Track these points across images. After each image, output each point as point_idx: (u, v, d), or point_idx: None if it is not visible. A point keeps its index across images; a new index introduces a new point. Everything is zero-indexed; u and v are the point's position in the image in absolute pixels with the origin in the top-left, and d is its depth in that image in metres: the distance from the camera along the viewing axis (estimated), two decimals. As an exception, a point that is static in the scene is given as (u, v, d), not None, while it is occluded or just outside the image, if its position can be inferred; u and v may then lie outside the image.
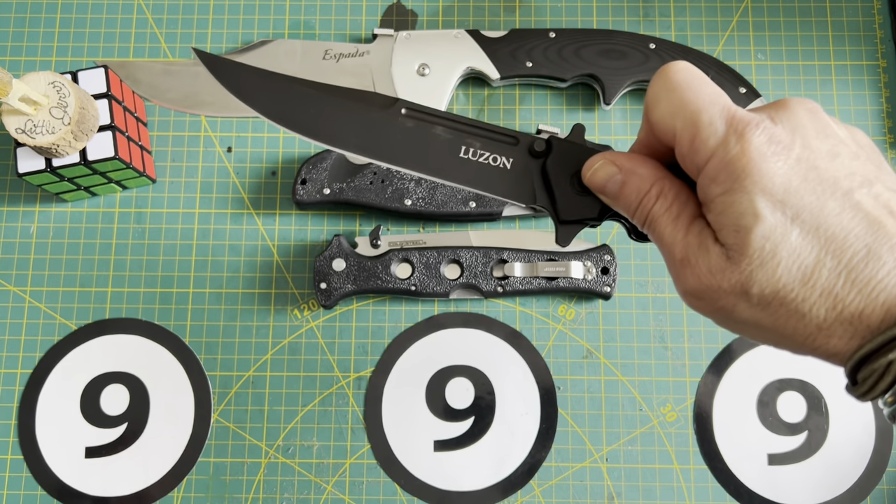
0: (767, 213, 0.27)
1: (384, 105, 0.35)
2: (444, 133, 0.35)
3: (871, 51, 0.60)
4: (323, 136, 0.35)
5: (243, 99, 0.35)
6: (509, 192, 0.34)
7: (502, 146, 0.35)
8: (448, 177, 0.35)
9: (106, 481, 0.54)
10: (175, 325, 0.56)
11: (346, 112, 0.35)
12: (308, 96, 0.35)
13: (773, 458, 0.54)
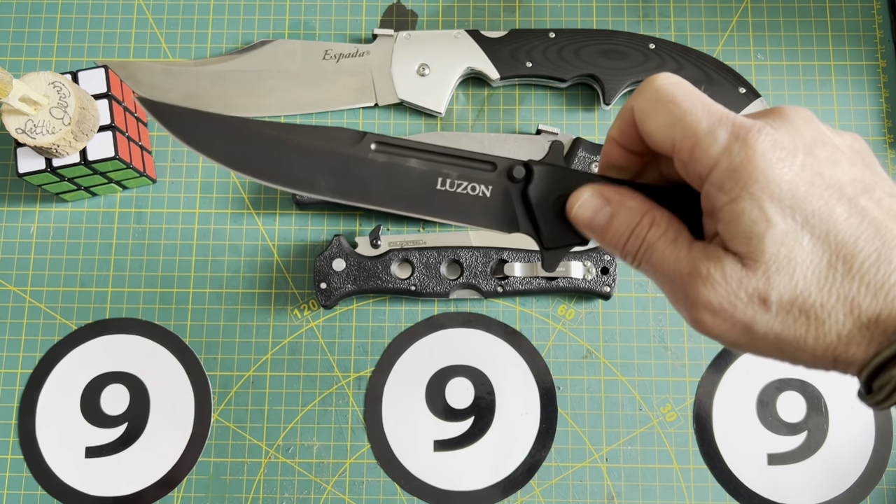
0: (778, 218, 0.26)
1: (352, 141, 0.33)
2: (419, 165, 0.33)
3: (870, 51, 0.60)
4: (290, 182, 0.33)
5: (198, 148, 0.32)
6: (491, 221, 0.33)
7: (480, 173, 0.33)
8: (426, 211, 0.33)
9: (106, 481, 0.54)
10: (175, 325, 0.56)
11: (312, 153, 0.33)
12: (269, 139, 0.33)
13: (772, 457, 0.54)
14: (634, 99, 0.30)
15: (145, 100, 0.33)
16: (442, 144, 0.55)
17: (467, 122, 0.59)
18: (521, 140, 0.57)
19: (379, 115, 0.59)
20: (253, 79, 0.59)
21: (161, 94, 0.59)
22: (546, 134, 0.57)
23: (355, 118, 0.59)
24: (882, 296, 0.26)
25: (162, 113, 0.33)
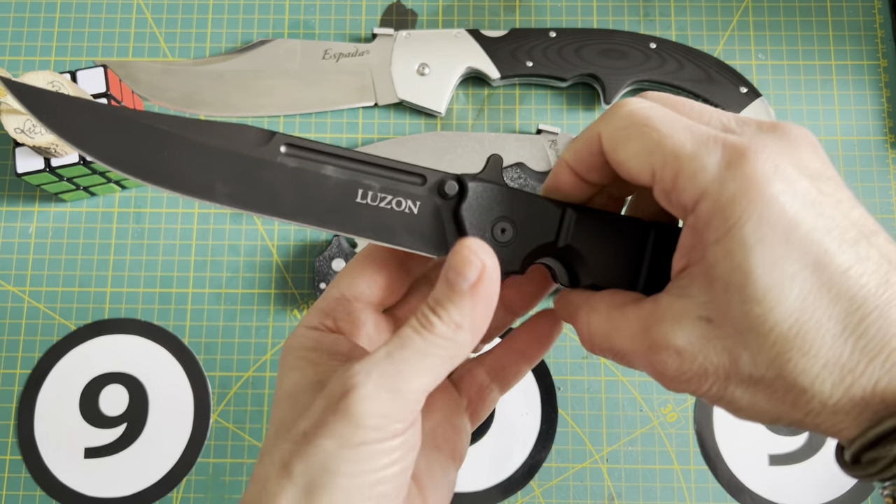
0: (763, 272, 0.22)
1: (258, 142, 0.28)
2: (336, 174, 0.28)
3: (871, 50, 0.60)
4: (181, 186, 0.27)
5: (74, 142, 0.27)
6: (417, 242, 0.28)
7: (407, 187, 0.28)
8: (342, 228, 0.28)
9: (105, 482, 0.54)
10: (174, 326, 0.56)
11: (210, 153, 0.28)
12: (160, 135, 0.27)
13: (773, 458, 0.54)
14: (601, 125, 0.26)
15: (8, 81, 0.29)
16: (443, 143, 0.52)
17: (467, 122, 0.59)
18: (522, 140, 0.57)
19: (379, 114, 0.59)
20: (252, 78, 0.59)
21: (160, 93, 0.59)
22: (546, 133, 0.57)
23: (355, 118, 0.59)
24: (881, 361, 0.22)
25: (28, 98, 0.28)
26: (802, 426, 0.24)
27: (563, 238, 0.28)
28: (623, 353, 0.26)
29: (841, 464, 0.24)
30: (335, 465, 0.24)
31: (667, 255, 0.27)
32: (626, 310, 0.26)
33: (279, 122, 0.59)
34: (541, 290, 0.31)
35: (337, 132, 0.59)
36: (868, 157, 0.58)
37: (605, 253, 0.28)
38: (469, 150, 0.57)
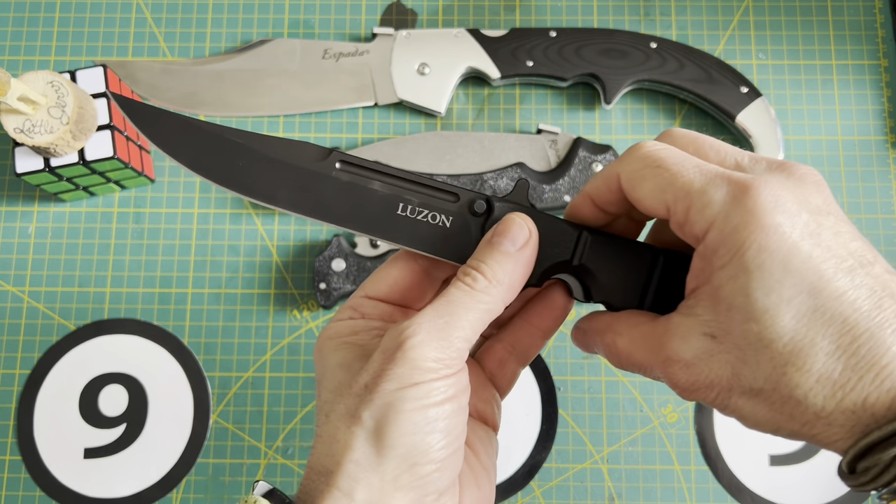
0: (761, 294, 0.25)
1: (318, 157, 0.33)
2: (382, 188, 0.33)
3: (872, 50, 0.60)
4: (251, 191, 0.32)
5: (167, 150, 0.32)
6: (448, 252, 0.32)
7: (442, 203, 0.32)
8: (384, 235, 0.32)
9: (105, 482, 0.53)
10: (174, 326, 0.56)
11: (277, 165, 0.32)
12: (237, 148, 0.32)
13: (774, 458, 0.54)
14: (619, 166, 0.29)
15: (119, 97, 0.33)
16: (442, 143, 0.55)
17: (467, 122, 0.59)
18: (522, 140, 0.57)
19: (379, 114, 0.59)
20: (252, 78, 0.59)
21: (160, 93, 0.59)
22: (546, 133, 0.57)
23: (355, 117, 0.59)
24: (871, 378, 0.24)
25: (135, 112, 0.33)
26: (800, 437, 0.26)
27: (577, 257, 0.32)
28: (644, 367, 0.29)
29: (840, 476, 0.26)
30: (399, 403, 0.28)
31: (674, 278, 0.30)
32: (644, 328, 0.29)
33: (279, 121, 0.59)
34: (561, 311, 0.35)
35: (337, 132, 0.59)
36: (868, 156, 0.58)
37: (616, 273, 0.32)
38: (469, 150, 0.57)
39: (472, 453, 0.33)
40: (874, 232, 0.57)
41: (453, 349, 0.29)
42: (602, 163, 0.56)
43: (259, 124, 0.59)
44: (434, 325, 0.29)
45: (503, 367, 0.35)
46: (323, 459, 0.29)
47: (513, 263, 0.30)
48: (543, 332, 0.35)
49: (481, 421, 0.34)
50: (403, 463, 0.28)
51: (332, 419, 0.29)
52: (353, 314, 0.33)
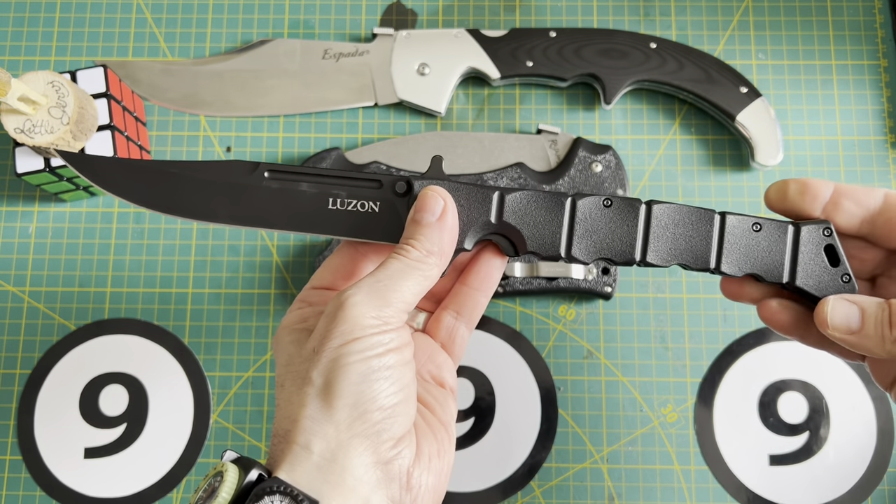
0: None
1: (247, 172, 0.35)
2: (310, 188, 0.35)
3: (871, 50, 0.60)
4: (194, 213, 0.35)
5: (119, 194, 0.35)
6: (380, 233, 0.35)
7: (368, 191, 0.35)
8: (320, 230, 0.35)
9: (105, 482, 0.54)
10: (174, 326, 0.56)
11: (212, 186, 0.35)
12: (172, 178, 0.35)
13: (774, 458, 0.54)
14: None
15: (65, 153, 0.36)
16: (442, 143, 0.56)
17: (467, 122, 0.59)
18: (522, 139, 0.57)
19: (379, 114, 0.59)
20: (252, 78, 0.59)
21: (160, 93, 0.59)
22: (546, 133, 0.57)
23: (355, 117, 0.59)
24: None
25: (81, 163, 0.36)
26: None
27: (497, 216, 0.35)
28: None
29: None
30: (343, 357, 0.30)
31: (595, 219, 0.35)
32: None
33: (279, 121, 0.59)
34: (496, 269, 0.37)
35: (337, 132, 0.59)
36: (868, 156, 0.58)
37: (536, 224, 0.35)
38: (469, 150, 0.57)
39: (429, 409, 0.35)
40: (874, 232, 0.57)
41: (392, 308, 0.31)
42: (602, 163, 0.56)
43: (259, 124, 0.59)
44: (372, 288, 0.31)
45: (452, 333, 0.38)
46: (282, 423, 0.31)
47: (437, 232, 0.33)
48: (483, 293, 0.37)
49: (438, 384, 0.37)
50: (354, 411, 0.30)
51: (286, 386, 0.32)
52: (302, 305, 0.36)
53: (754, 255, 0.35)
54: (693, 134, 0.59)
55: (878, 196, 0.34)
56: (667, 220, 0.35)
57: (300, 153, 0.59)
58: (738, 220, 0.35)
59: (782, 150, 0.56)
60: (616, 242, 0.35)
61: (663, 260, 0.35)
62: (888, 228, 0.33)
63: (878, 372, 0.35)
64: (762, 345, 0.55)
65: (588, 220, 0.35)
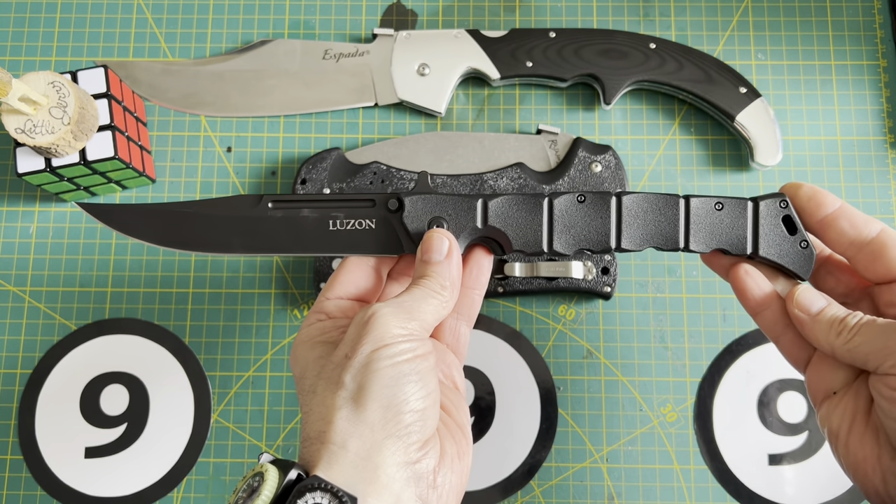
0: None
1: (252, 204, 0.39)
2: (311, 213, 0.39)
3: (871, 50, 0.60)
4: (210, 247, 0.39)
5: (136, 236, 0.39)
6: (379, 248, 0.39)
7: (363, 210, 0.39)
8: (325, 250, 0.39)
9: (106, 481, 0.54)
10: (175, 325, 0.56)
11: (222, 222, 0.39)
12: (186, 218, 0.39)
13: (773, 458, 0.54)
14: None
15: (85, 204, 0.39)
16: (442, 143, 0.57)
17: (467, 122, 0.59)
18: (522, 140, 0.57)
19: (379, 114, 0.59)
20: (253, 78, 0.59)
21: (161, 93, 0.59)
22: (546, 133, 0.57)
23: (355, 118, 0.59)
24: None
25: (101, 213, 0.39)
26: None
27: (483, 220, 0.38)
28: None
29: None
30: (374, 362, 0.32)
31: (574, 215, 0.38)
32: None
33: (279, 122, 0.59)
34: (487, 269, 0.40)
35: (337, 132, 0.59)
36: (868, 157, 0.58)
37: (519, 224, 0.38)
38: (469, 150, 0.57)
39: (447, 413, 0.37)
40: (873, 232, 0.57)
41: (414, 324, 0.34)
42: (601, 163, 0.56)
43: (259, 124, 0.59)
44: (398, 307, 0.34)
45: (456, 332, 0.40)
46: (316, 425, 0.32)
47: (447, 268, 0.36)
48: (478, 291, 0.40)
49: (451, 384, 0.39)
50: (387, 412, 0.32)
51: (319, 391, 0.33)
52: (320, 316, 0.38)
53: (719, 231, 0.38)
54: (693, 134, 0.59)
55: (874, 228, 0.36)
56: (636, 208, 0.38)
57: (300, 153, 0.59)
58: (701, 201, 0.38)
59: (782, 150, 0.56)
60: (592, 234, 0.38)
61: (636, 244, 0.38)
62: (871, 259, 0.36)
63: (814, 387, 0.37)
64: (762, 344, 0.55)
65: (565, 216, 0.38)
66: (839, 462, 0.35)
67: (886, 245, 0.35)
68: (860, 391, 0.35)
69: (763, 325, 0.39)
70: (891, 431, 0.32)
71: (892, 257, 0.35)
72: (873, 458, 0.33)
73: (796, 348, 0.38)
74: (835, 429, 0.35)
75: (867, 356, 0.33)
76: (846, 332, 0.34)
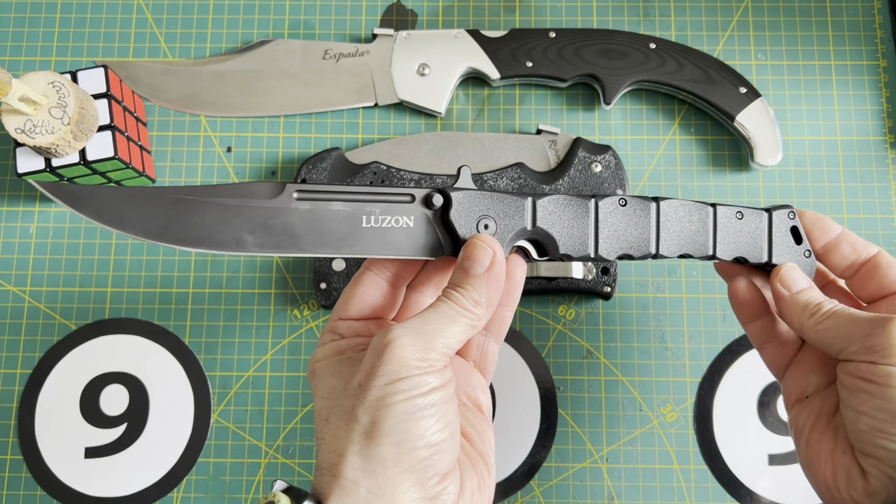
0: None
1: (272, 193, 0.33)
2: (343, 207, 0.33)
3: (871, 50, 0.60)
4: (215, 243, 0.32)
5: (116, 226, 0.31)
6: (417, 249, 0.34)
7: (401, 206, 0.34)
8: (356, 250, 0.34)
9: (105, 482, 0.54)
10: (175, 325, 0.56)
11: (234, 210, 0.32)
12: (186, 205, 0.32)
13: (773, 458, 0.54)
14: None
15: (45, 184, 0.32)
16: (442, 143, 0.56)
17: (467, 122, 0.59)
18: (522, 140, 0.57)
19: (379, 114, 0.59)
20: (252, 78, 0.59)
21: (160, 93, 0.59)
22: (546, 133, 0.57)
23: (355, 118, 0.59)
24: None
25: (66, 195, 0.31)
26: None
27: (532, 222, 0.35)
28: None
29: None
30: (388, 397, 0.30)
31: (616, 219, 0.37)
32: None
33: (280, 122, 0.59)
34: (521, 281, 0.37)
35: (337, 132, 0.59)
36: (868, 157, 0.58)
37: (566, 227, 0.36)
38: (469, 150, 0.57)
39: (469, 442, 0.35)
40: (873, 232, 0.57)
41: (436, 352, 0.31)
42: (601, 163, 0.56)
43: (259, 124, 0.59)
44: (419, 330, 0.31)
45: (484, 351, 0.37)
46: (328, 457, 0.31)
47: (485, 283, 0.33)
48: (510, 308, 0.37)
49: (475, 407, 0.37)
50: (401, 448, 0.30)
51: (332, 421, 0.31)
52: (334, 336, 0.35)
53: (740, 240, 0.38)
54: (692, 134, 0.59)
55: (872, 250, 0.38)
56: (673, 214, 0.38)
57: (300, 153, 0.59)
58: (725, 210, 0.38)
59: (781, 150, 0.56)
60: (634, 239, 0.37)
61: (672, 251, 0.38)
62: (866, 278, 0.38)
63: (790, 390, 0.39)
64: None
65: (609, 220, 0.36)
66: (798, 456, 0.38)
67: (880, 265, 0.38)
68: (829, 396, 0.37)
69: (751, 334, 0.40)
70: (848, 422, 0.34)
71: (884, 275, 0.37)
72: (828, 452, 0.35)
73: (777, 356, 0.40)
74: (800, 426, 0.37)
75: (833, 339, 0.35)
76: (818, 315, 0.36)
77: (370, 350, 0.31)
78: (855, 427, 0.34)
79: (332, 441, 0.31)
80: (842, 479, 0.34)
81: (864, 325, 0.34)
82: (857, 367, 0.34)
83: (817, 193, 0.57)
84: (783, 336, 0.40)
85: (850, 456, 0.34)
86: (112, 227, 0.31)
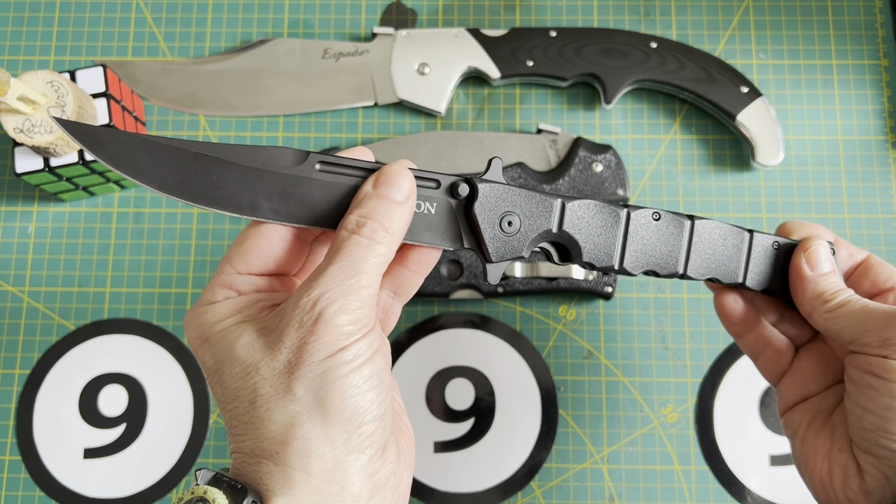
0: None
1: (296, 161, 0.32)
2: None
3: (872, 50, 0.60)
4: (230, 205, 0.31)
5: (133, 174, 0.31)
6: (436, 237, 0.33)
7: (425, 191, 0.33)
8: None
9: (104, 482, 0.53)
10: (174, 326, 0.56)
11: (254, 174, 0.31)
12: (206, 161, 0.31)
13: (775, 459, 0.54)
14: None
15: (64, 121, 0.31)
16: (442, 143, 0.55)
17: (467, 122, 0.59)
18: (522, 139, 0.57)
19: (379, 114, 0.59)
20: (252, 78, 0.59)
21: (159, 93, 0.59)
22: (547, 133, 0.57)
23: (355, 117, 0.59)
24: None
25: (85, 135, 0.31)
26: None
27: (559, 224, 0.34)
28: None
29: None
30: (332, 371, 0.28)
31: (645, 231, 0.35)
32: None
33: (279, 121, 0.59)
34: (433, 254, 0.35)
35: (337, 132, 0.59)
36: (869, 156, 0.58)
37: (593, 233, 0.34)
38: (469, 149, 0.57)
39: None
40: (874, 232, 0.57)
41: (366, 306, 0.29)
42: (602, 162, 0.56)
43: (259, 124, 0.59)
44: (343, 286, 0.29)
45: (388, 310, 0.35)
46: (262, 444, 0.28)
47: (400, 212, 0.31)
48: (422, 274, 0.35)
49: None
50: (350, 426, 0.28)
51: (260, 403, 0.28)
52: (228, 293, 0.32)
53: (772, 273, 0.37)
54: (693, 134, 0.59)
55: (863, 254, 0.39)
56: (707, 235, 0.36)
57: (300, 153, 0.58)
58: (763, 238, 0.37)
59: (783, 149, 0.56)
60: (662, 256, 0.35)
61: (700, 273, 0.36)
62: (861, 278, 0.38)
63: (786, 396, 0.39)
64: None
65: (639, 233, 0.35)
66: (793, 456, 0.37)
67: (872, 265, 0.38)
68: (826, 397, 0.37)
69: (744, 346, 0.40)
70: (852, 418, 0.34)
71: (878, 272, 0.38)
72: (824, 450, 0.35)
73: (773, 364, 0.40)
74: (795, 426, 0.37)
75: (843, 329, 0.34)
76: (833, 302, 0.35)
77: (294, 323, 0.28)
78: (859, 424, 0.33)
79: (266, 426, 0.28)
80: (837, 477, 0.34)
81: (880, 317, 0.33)
82: (867, 361, 0.33)
83: (818, 193, 0.57)
84: (777, 344, 0.39)
85: (847, 454, 0.34)
86: (126, 174, 0.31)
